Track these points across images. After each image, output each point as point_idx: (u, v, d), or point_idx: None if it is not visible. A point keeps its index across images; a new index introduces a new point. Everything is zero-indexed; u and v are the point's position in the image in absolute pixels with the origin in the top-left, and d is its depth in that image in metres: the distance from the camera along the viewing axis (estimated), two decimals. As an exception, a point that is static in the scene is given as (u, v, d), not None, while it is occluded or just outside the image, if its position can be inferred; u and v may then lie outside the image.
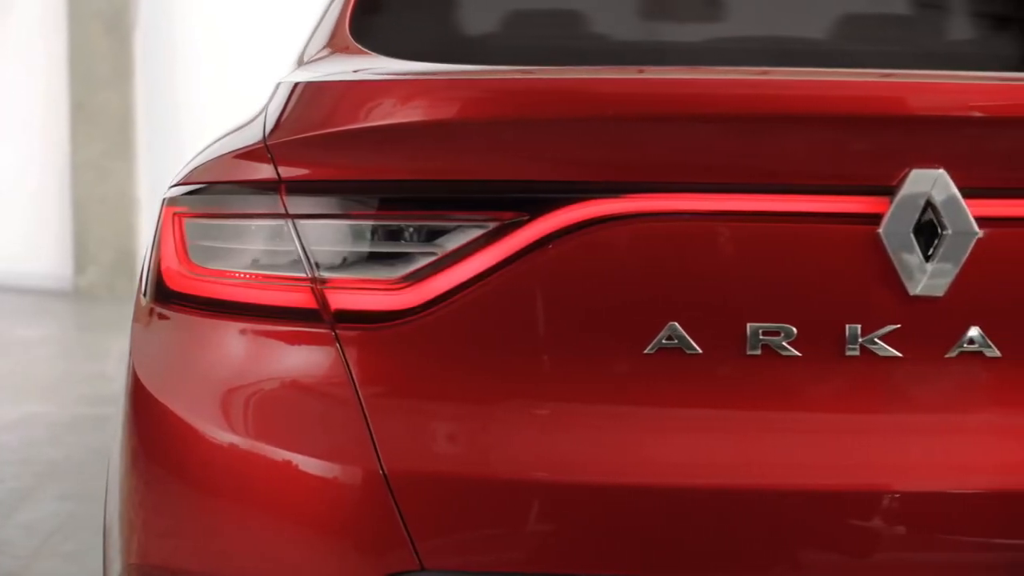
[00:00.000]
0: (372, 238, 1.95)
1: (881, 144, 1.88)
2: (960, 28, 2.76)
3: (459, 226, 1.92)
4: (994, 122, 1.90)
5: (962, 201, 1.87)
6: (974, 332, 1.90)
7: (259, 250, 1.99)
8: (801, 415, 1.92)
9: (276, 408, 1.98)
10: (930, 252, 1.88)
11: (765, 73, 2.07)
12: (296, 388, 1.97)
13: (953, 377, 1.91)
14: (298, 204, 1.96)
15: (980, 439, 1.92)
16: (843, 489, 1.89)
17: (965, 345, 1.90)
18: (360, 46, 2.32)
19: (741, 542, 1.89)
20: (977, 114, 1.90)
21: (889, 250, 1.88)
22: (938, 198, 1.87)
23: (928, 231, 1.88)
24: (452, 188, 1.93)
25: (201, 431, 1.99)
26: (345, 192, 1.95)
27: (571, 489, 1.90)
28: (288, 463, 1.94)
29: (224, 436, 1.98)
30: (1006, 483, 1.90)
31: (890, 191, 1.87)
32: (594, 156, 1.90)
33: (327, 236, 1.96)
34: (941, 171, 1.87)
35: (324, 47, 2.38)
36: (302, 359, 1.98)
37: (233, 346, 2.01)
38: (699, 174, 1.89)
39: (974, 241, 1.88)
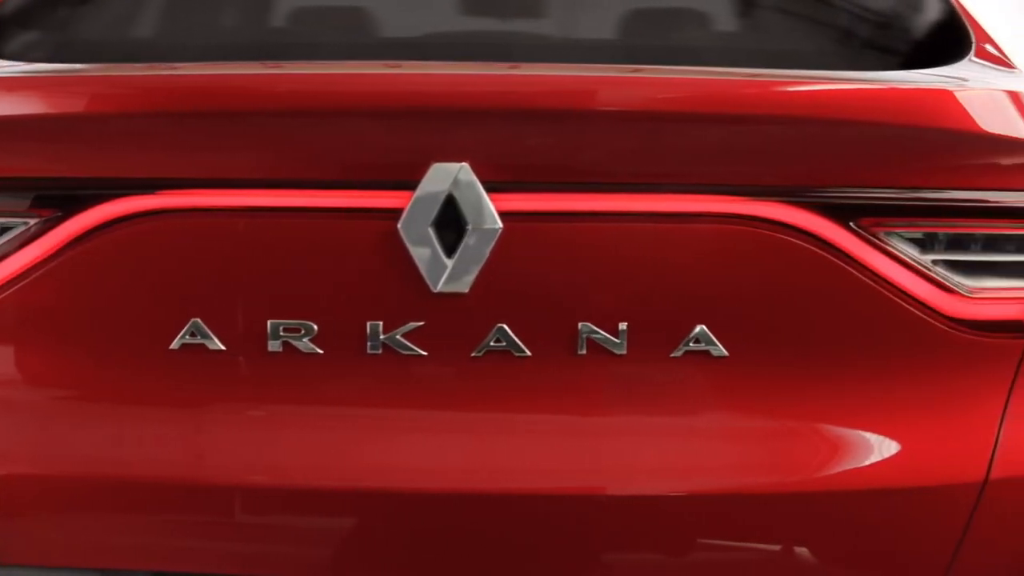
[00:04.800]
0: None
1: (405, 138, 1.84)
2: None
3: (3, 224, 1.90)
4: (519, 115, 1.84)
5: (485, 196, 1.83)
6: (500, 329, 1.85)
7: None
8: (323, 412, 1.88)
9: None
10: (452, 248, 1.83)
11: (279, 67, 2.03)
12: None
13: (479, 376, 1.86)
14: None
15: (508, 440, 1.87)
16: (369, 489, 1.86)
17: (492, 343, 1.85)
18: None
19: (264, 538, 1.88)
20: (502, 107, 1.84)
21: (408, 246, 1.83)
22: (459, 192, 1.83)
23: (453, 226, 1.84)
24: None
25: None
26: None
27: (122, 485, 1.88)
28: None
29: None
30: (543, 487, 1.86)
31: (414, 186, 1.83)
32: (126, 153, 1.87)
33: None
34: (463, 165, 1.82)
35: None
36: None
37: None
38: (224, 170, 1.85)
39: (497, 236, 1.83)
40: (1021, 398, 1.92)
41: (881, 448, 1.90)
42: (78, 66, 2.09)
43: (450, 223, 1.83)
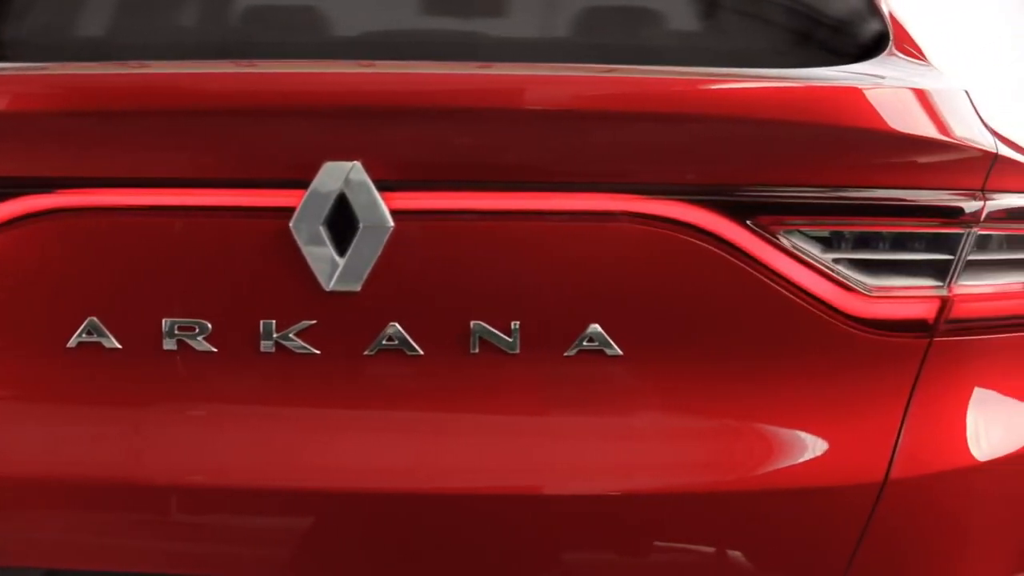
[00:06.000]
0: None
1: (298, 137, 1.84)
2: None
3: None
4: (411, 114, 1.84)
5: (376, 194, 1.83)
6: (393, 328, 1.85)
7: None
8: (216, 410, 1.89)
9: None
10: (343, 247, 1.84)
11: (175, 67, 2.03)
12: None
13: (371, 375, 1.87)
14: None
15: (399, 438, 1.88)
16: (262, 487, 1.86)
17: (384, 342, 1.85)
18: None
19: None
20: (395, 106, 1.84)
21: (300, 245, 1.84)
22: (351, 191, 1.83)
23: (345, 225, 1.84)
24: None
25: None
26: None
27: (18, 482, 1.89)
28: None
29: None
30: (437, 486, 1.86)
31: (307, 185, 1.84)
32: (20, 152, 1.88)
33: None
34: (355, 163, 1.82)
35: None
36: None
37: None
38: (119, 169, 1.86)
39: (388, 235, 1.83)
40: (922, 398, 1.91)
41: (781, 448, 1.89)
42: None
43: (342, 222, 1.84)
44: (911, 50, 2.26)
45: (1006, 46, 6.33)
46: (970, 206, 1.92)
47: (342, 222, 1.83)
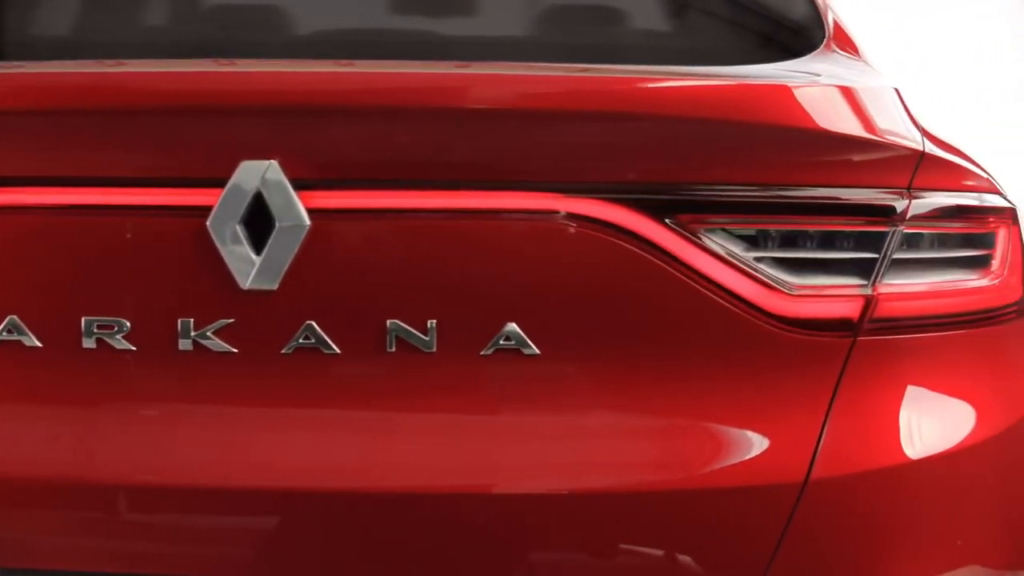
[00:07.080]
0: None
1: (217, 135, 1.84)
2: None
3: None
4: (327, 112, 1.84)
5: (292, 193, 1.83)
6: (309, 327, 1.85)
7: None
8: (135, 408, 1.89)
9: None
10: (260, 245, 1.84)
11: (96, 66, 2.04)
12: None
13: (288, 373, 1.86)
14: None
15: (316, 437, 1.88)
16: (178, 485, 1.86)
17: (301, 340, 1.86)
18: None
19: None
20: (311, 105, 1.85)
21: (217, 243, 1.84)
22: (267, 190, 1.83)
23: (262, 224, 1.84)
24: None
25: None
26: None
27: None
28: None
29: None
30: (352, 485, 1.86)
31: (224, 183, 1.84)
32: None
33: None
34: (272, 162, 1.83)
35: None
36: None
37: None
38: (37, 167, 1.86)
39: (305, 233, 1.83)
40: (846, 398, 1.90)
41: (702, 448, 1.88)
42: None
43: (259, 220, 1.84)
44: (847, 47, 2.24)
45: (1006, 46, 6.31)
46: (896, 204, 1.91)
47: (259, 221, 1.84)
